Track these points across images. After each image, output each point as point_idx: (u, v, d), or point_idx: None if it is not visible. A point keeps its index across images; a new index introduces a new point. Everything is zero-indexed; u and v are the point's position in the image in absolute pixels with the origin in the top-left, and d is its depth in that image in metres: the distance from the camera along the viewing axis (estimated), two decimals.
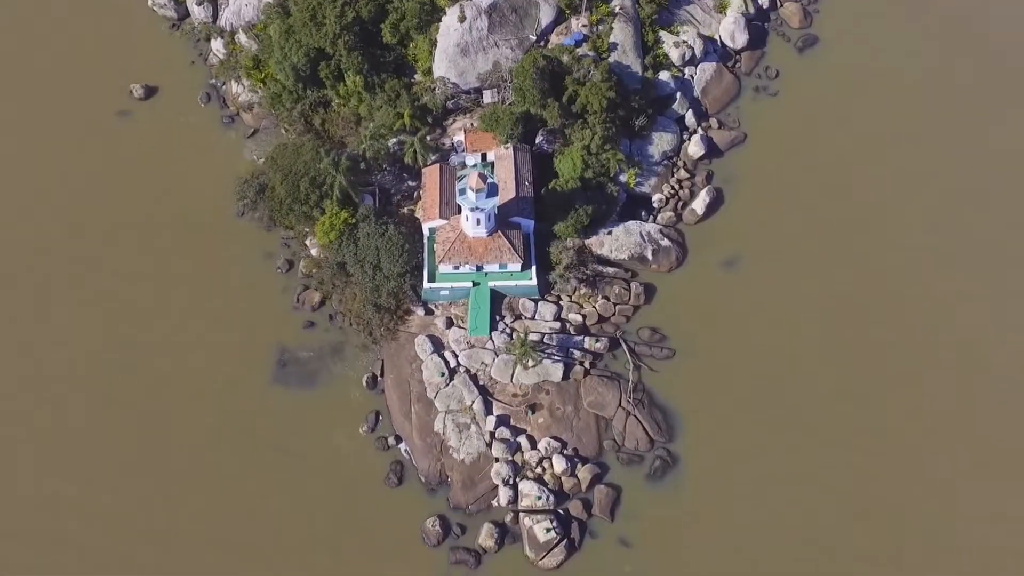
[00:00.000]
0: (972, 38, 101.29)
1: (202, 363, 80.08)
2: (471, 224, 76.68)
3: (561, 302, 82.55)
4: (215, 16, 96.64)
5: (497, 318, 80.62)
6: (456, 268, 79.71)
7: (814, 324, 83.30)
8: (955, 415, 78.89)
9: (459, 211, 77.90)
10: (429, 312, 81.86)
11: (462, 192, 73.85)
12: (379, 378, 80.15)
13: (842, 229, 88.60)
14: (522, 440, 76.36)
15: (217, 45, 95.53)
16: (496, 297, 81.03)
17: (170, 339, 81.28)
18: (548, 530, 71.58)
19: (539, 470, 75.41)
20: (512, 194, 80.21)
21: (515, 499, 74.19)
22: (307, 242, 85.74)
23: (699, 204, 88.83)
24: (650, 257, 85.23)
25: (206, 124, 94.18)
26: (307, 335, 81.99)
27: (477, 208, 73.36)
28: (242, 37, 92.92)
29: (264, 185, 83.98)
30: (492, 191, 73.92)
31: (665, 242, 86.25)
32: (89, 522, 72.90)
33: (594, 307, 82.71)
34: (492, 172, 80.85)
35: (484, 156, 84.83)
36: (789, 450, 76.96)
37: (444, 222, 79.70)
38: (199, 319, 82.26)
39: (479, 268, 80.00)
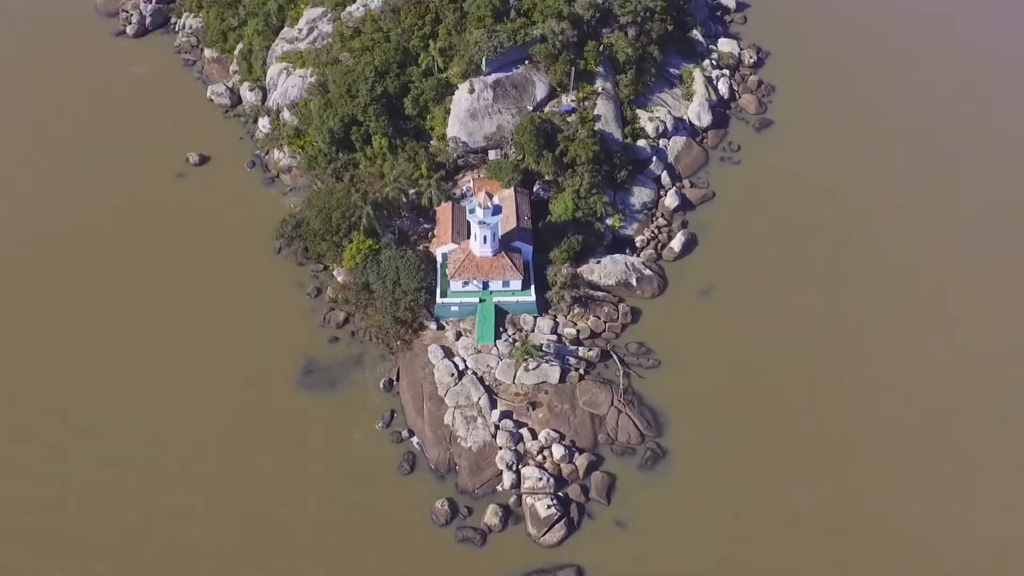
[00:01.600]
0: (899, 119, 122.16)
1: (238, 372, 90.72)
2: (478, 243, 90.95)
3: (557, 319, 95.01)
4: (264, 99, 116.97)
5: (500, 330, 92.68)
6: (465, 285, 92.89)
7: (778, 339, 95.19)
8: (910, 414, 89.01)
9: (468, 237, 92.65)
10: (440, 328, 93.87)
11: (472, 211, 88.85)
12: (394, 382, 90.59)
13: (798, 264, 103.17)
14: (523, 432, 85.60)
15: (263, 122, 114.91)
16: (500, 312, 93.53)
17: (210, 352, 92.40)
18: (549, 507, 79.05)
19: (540, 458, 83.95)
20: (513, 225, 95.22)
21: (518, 483, 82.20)
22: (334, 272, 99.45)
23: (676, 243, 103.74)
24: (635, 284, 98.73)
25: (250, 184, 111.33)
26: (331, 348, 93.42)
27: (484, 223, 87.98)
28: (286, 114, 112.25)
29: (300, 222, 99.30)
30: (497, 210, 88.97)
31: (648, 272, 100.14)
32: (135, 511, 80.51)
33: (587, 324, 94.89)
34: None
35: (490, 197, 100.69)
36: (763, 442, 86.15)
37: (455, 246, 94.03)
38: (237, 336, 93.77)
39: (485, 286, 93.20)
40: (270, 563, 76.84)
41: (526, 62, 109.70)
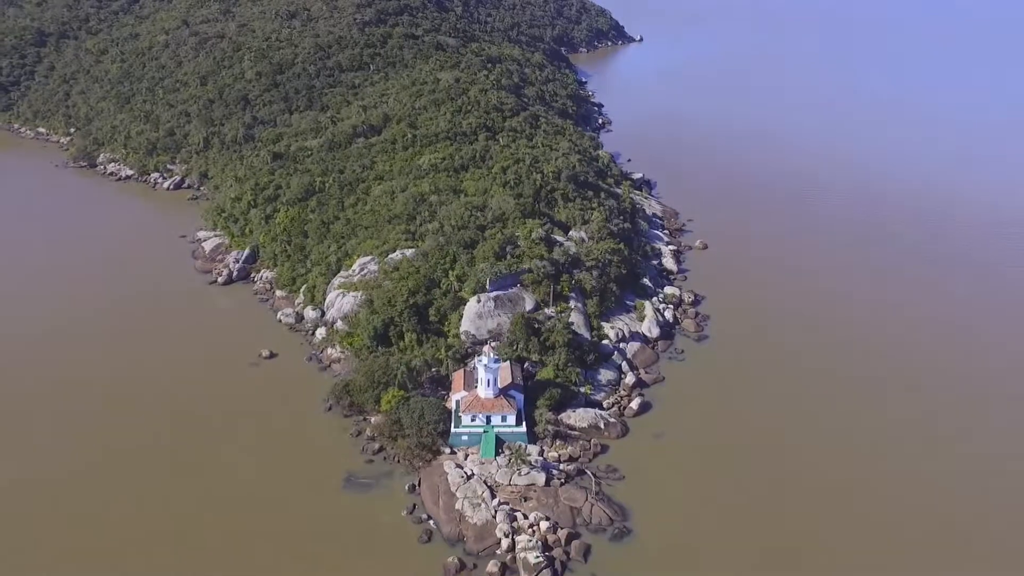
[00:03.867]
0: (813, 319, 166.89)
1: (299, 483, 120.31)
2: (483, 386, 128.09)
3: (543, 448, 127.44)
4: (322, 316, 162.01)
5: (499, 451, 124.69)
6: (472, 420, 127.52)
7: (712, 463, 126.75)
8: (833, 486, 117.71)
9: (475, 387, 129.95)
10: (453, 453, 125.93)
11: (480, 359, 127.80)
12: (416, 487, 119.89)
13: (727, 420, 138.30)
14: (517, 514, 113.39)
15: (320, 331, 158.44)
16: (499, 440, 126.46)
17: (279, 474, 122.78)
18: (537, 557, 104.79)
19: (530, 531, 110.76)
20: (509, 381, 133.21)
21: (512, 547, 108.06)
22: (371, 421, 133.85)
23: (635, 404, 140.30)
24: (603, 427, 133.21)
25: (307, 371, 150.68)
26: (367, 466, 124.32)
27: (489, 368, 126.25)
28: (339, 323, 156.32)
29: (348, 383, 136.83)
30: (498, 360, 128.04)
31: (613, 420, 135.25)
32: None
33: (566, 452, 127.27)
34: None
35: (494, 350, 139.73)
36: (703, 527, 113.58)
37: (466, 392, 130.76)
38: (298, 462, 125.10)
39: (488, 420, 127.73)
40: None
41: (518, 285, 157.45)
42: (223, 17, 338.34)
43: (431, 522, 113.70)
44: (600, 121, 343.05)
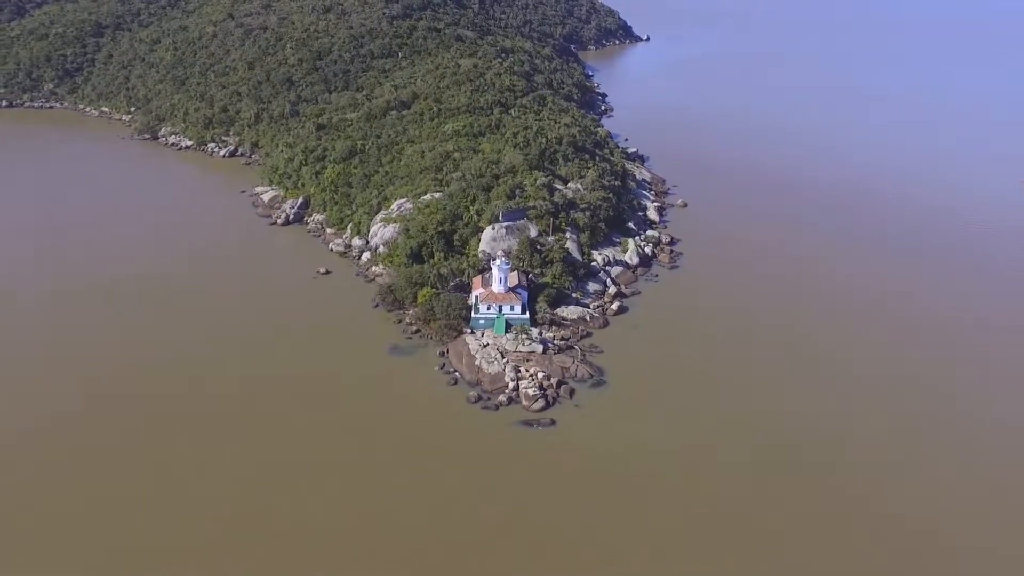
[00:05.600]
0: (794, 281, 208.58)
1: (357, 352, 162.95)
2: (496, 283, 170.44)
3: (541, 331, 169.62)
4: (366, 243, 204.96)
5: (507, 331, 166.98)
6: (488, 309, 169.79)
7: (678, 347, 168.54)
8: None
9: (490, 286, 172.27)
10: (472, 333, 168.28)
11: (495, 262, 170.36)
12: (445, 353, 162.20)
13: (690, 318, 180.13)
14: (521, 368, 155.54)
15: (366, 255, 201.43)
16: (507, 323, 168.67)
17: (341, 347, 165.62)
18: (534, 391, 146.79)
19: (530, 378, 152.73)
20: (516, 283, 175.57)
21: (517, 388, 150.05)
22: (409, 312, 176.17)
23: (615, 307, 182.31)
24: (588, 320, 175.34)
25: (356, 284, 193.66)
26: (408, 341, 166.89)
27: (501, 268, 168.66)
28: (382, 248, 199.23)
29: (391, 285, 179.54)
30: (509, 263, 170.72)
31: (597, 316, 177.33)
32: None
33: (560, 334, 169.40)
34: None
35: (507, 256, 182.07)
36: (662, 381, 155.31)
37: (483, 290, 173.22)
38: (356, 339, 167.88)
39: (500, 309, 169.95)
40: (381, 434, 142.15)
41: (525, 218, 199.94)
42: (264, 11, 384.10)
43: (456, 373, 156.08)
44: (603, 108, 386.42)
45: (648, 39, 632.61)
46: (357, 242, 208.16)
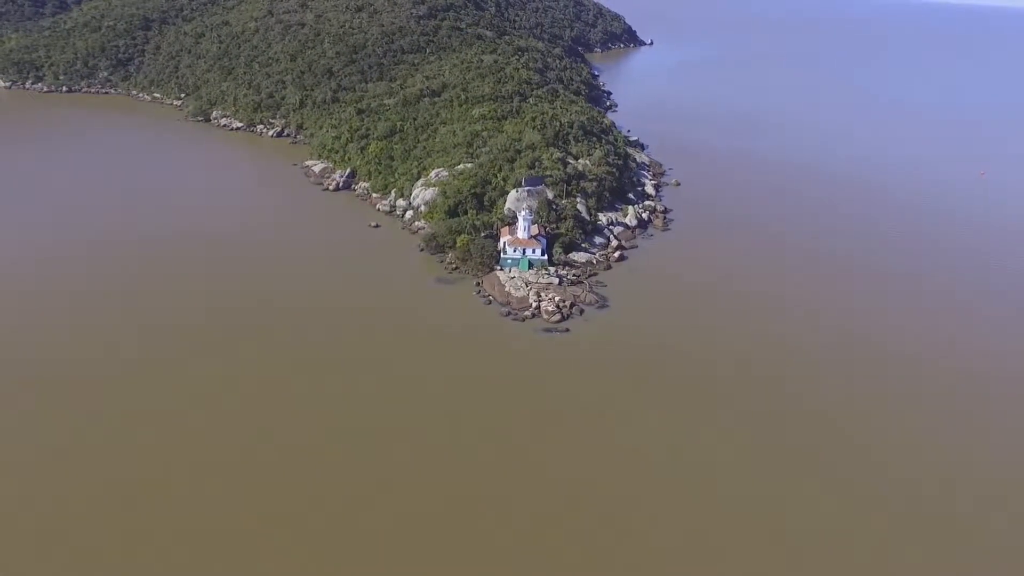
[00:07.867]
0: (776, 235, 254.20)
1: (408, 283, 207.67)
2: (522, 231, 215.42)
3: (557, 270, 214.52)
4: (409, 204, 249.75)
5: (530, 268, 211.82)
6: (514, 251, 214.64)
7: (673, 288, 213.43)
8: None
9: (516, 235, 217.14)
10: (501, 270, 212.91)
11: (522, 212, 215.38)
12: (480, 284, 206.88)
13: (682, 264, 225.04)
14: (542, 293, 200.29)
15: (409, 213, 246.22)
16: (530, 263, 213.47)
17: (394, 279, 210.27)
18: (552, 307, 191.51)
19: (548, 300, 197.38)
20: (537, 232, 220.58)
21: (539, 308, 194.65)
22: (449, 255, 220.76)
23: (616, 255, 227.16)
24: (595, 263, 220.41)
25: (401, 234, 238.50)
26: (449, 275, 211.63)
27: (527, 217, 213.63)
28: (423, 207, 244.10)
29: (434, 233, 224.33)
30: (532, 214, 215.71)
31: (602, 260, 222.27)
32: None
33: (572, 272, 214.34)
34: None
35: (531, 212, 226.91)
36: (655, 306, 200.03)
37: (510, 236, 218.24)
38: (406, 275, 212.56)
39: (524, 252, 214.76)
40: (433, 339, 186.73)
41: (543, 184, 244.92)
42: (301, 9, 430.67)
43: (490, 296, 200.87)
44: (608, 103, 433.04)
45: (651, 43, 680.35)
46: (401, 203, 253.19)
